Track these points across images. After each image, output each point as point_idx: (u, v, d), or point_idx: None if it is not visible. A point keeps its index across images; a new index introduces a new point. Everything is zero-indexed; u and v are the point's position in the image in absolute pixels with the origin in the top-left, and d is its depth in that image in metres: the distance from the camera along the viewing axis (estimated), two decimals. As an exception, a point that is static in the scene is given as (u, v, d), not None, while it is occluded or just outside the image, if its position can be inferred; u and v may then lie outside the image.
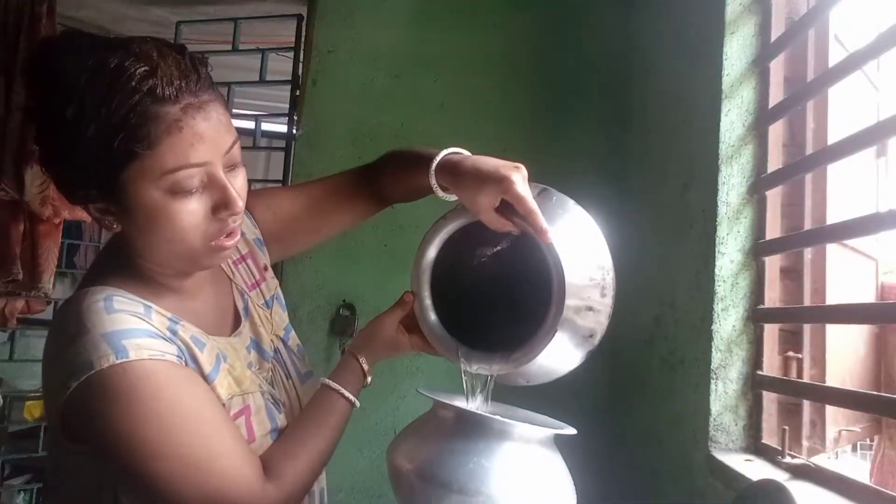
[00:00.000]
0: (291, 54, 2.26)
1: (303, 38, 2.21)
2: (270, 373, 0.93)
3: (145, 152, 0.70)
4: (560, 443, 0.86)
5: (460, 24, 2.08)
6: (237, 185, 0.78)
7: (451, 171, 0.90)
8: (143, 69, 0.70)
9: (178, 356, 0.77)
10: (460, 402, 0.89)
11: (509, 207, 0.83)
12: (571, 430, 0.85)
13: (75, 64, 0.70)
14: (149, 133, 0.69)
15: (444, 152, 0.93)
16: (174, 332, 0.79)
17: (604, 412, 1.86)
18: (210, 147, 0.74)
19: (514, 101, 2.05)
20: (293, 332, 1.02)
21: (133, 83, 0.69)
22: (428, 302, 0.91)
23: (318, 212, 1.05)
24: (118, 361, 0.71)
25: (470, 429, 0.80)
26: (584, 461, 1.23)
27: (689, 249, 1.36)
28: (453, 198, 0.91)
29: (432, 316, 0.91)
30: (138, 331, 0.74)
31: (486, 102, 2.05)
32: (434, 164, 0.90)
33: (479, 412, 0.82)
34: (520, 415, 0.94)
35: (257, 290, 0.97)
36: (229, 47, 2.33)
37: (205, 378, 0.80)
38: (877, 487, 0.90)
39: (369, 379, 0.94)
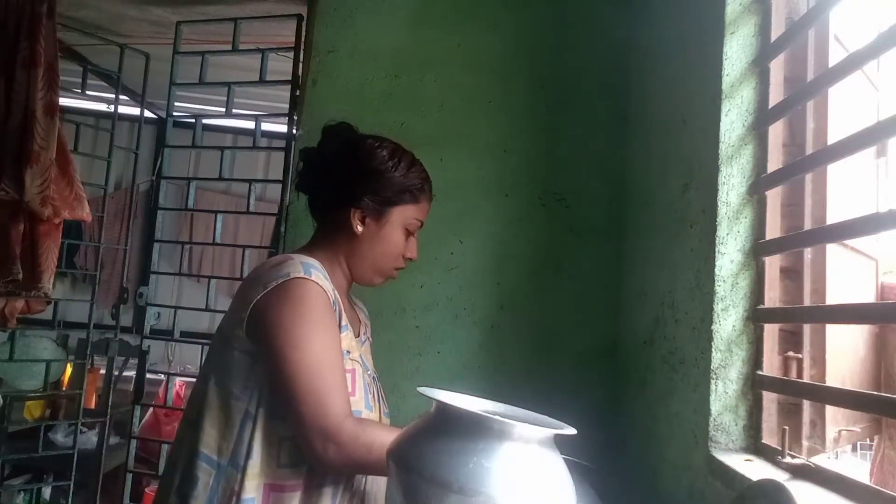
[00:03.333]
0: (291, 54, 2.26)
1: (303, 38, 2.21)
2: (370, 384, 1.22)
3: (415, 203, 1.25)
4: (560, 443, 0.86)
5: (460, 24, 2.08)
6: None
7: None
8: (423, 167, 1.29)
9: (333, 300, 1.14)
10: (460, 402, 0.89)
11: None
12: (571, 430, 0.85)
13: (391, 146, 1.29)
14: (422, 195, 1.26)
15: None
16: (334, 291, 1.16)
17: (604, 412, 1.86)
18: (425, 219, 1.29)
19: (514, 101, 2.05)
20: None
21: (420, 168, 1.28)
22: None
23: None
24: (303, 276, 1.09)
25: (470, 429, 0.80)
26: (584, 461, 1.23)
27: (689, 249, 1.36)
28: None
29: None
30: (320, 269, 1.14)
31: (486, 102, 2.05)
32: None
33: (479, 412, 0.82)
34: (520, 415, 0.94)
35: (369, 342, 1.37)
36: (229, 47, 2.33)
37: (339, 329, 1.14)
38: (877, 487, 0.90)
39: None
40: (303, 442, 1.05)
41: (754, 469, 1.07)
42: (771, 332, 1.22)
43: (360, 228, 1.22)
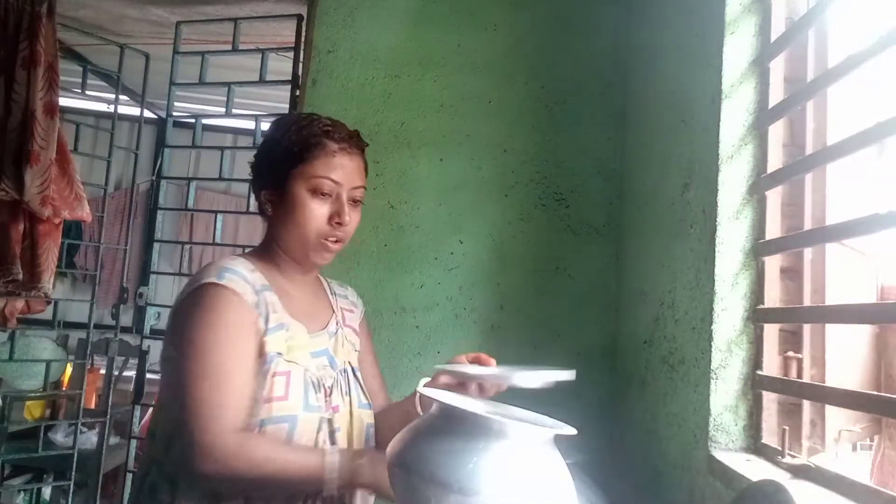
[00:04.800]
0: (291, 54, 2.26)
1: (303, 38, 2.22)
2: (333, 380, 1.17)
3: (309, 161, 1.13)
4: (560, 443, 0.86)
5: (460, 24, 2.08)
6: (352, 215, 1.17)
7: None
8: (327, 122, 1.18)
9: (254, 303, 1.08)
10: (460, 403, 0.89)
11: None
12: (571, 430, 0.85)
13: (293, 116, 1.24)
14: (314, 150, 1.14)
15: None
16: (261, 291, 1.11)
17: (604, 412, 1.86)
18: (345, 176, 1.15)
19: (514, 101, 2.05)
20: (361, 379, 1.27)
21: (317, 125, 1.16)
22: None
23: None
24: (212, 281, 1.06)
25: (470, 429, 0.80)
26: (587, 467, 1.23)
27: (689, 249, 1.36)
28: None
29: None
30: (238, 272, 1.10)
31: (486, 102, 2.05)
32: None
33: (479, 412, 0.82)
34: (521, 414, 0.94)
35: (352, 331, 1.30)
36: (229, 47, 2.34)
37: (265, 329, 1.08)
38: (877, 487, 0.90)
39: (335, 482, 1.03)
40: (181, 453, 1.01)
41: (754, 469, 1.07)
42: (771, 332, 1.22)
43: (269, 209, 1.17)
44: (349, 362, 1.24)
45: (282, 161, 1.15)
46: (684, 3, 1.54)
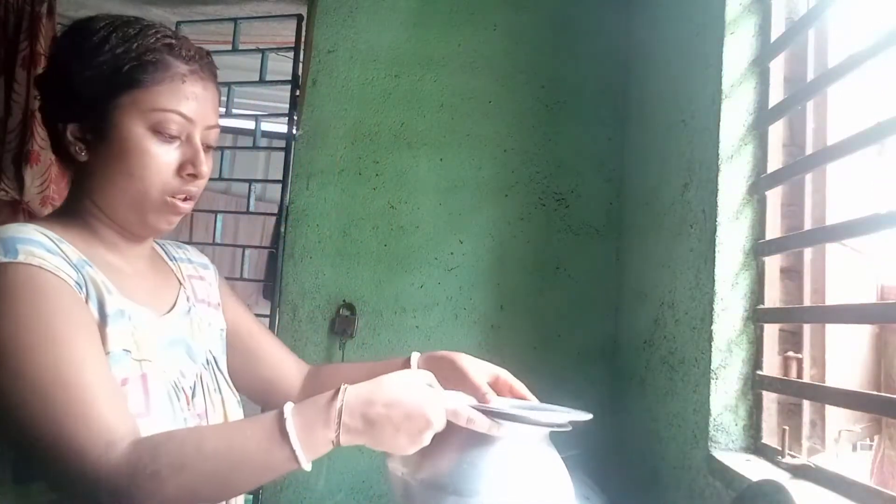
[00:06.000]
0: (291, 54, 2.26)
1: (303, 38, 2.22)
2: (196, 377, 0.89)
3: (147, 86, 0.80)
4: (559, 442, 0.86)
5: (460, 24, 2.08)
6: (207, 165, 0.86)
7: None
8: (168, 33, 0.84)
9: (76, 282, 0.76)
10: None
11: None
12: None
13: (109, 18, 0.84)
14: (156, 72, 0.81)
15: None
16: (81, 267, 0.78)
17: (603, 412, 1.86)
18: (199, 111, 0.84)
19: (514, 101, 2.05)
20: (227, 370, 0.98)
21: (158, 36, 0.82)
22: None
23: (248, 358, 1.04)
24: (4, 260, 0.72)
25: (464, 429, 0.79)
26: (584, 461, 1.23)
27: (689, 249, 1.36)
28: None
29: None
30: (37, 242, 0.75)
31: (486, 102, 2.05)
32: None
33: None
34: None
35: (206, 306, 0.99)
36: (229, 47, 2.33)
37: (101, 318, 0.77)
38: (877, 487, 0.90)
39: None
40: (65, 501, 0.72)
41: (754, 469, 1.07)
42: (771, 332, 1.22)
43: (82, 153, 0.82)
44: (210, 350, 0.94)
45: (102, 82, 0.80)
46: (684, 3, 1.54)
